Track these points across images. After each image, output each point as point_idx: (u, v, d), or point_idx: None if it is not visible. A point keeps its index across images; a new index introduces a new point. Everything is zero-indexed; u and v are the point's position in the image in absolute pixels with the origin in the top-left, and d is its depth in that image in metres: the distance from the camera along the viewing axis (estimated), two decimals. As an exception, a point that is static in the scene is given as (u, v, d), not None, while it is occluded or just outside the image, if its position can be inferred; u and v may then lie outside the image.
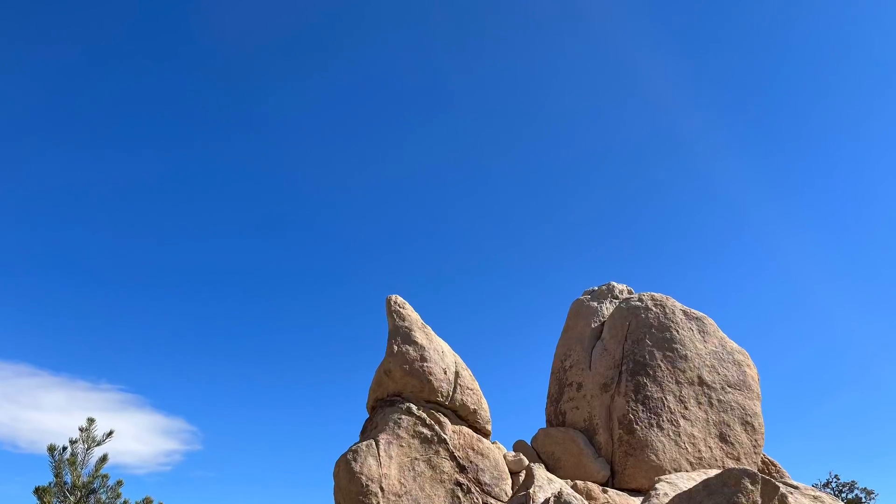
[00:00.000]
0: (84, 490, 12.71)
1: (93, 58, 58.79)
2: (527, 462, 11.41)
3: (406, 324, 11.34)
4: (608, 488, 11.48)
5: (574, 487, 11.09)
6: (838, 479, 23.81)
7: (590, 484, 11.30)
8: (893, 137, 56.11)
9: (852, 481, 23.62)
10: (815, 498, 10.97)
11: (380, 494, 9.74)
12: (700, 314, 14.47)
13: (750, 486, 7.74)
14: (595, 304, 15.09)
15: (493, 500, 10.37)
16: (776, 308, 60.08)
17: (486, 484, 10.49)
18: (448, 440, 10.63)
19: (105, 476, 13.10)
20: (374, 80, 62.11)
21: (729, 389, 13.68)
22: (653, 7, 57.60)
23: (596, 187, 63.72)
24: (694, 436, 12.88)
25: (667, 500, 9.10)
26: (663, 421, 12.80)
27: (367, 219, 64.48)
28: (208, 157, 63.37)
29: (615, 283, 15.72)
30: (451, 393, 11.24)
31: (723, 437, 13.14)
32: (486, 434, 11.57)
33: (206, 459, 55.86)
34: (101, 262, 59.11)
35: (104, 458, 13.14)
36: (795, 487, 11.36)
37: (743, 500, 7.64)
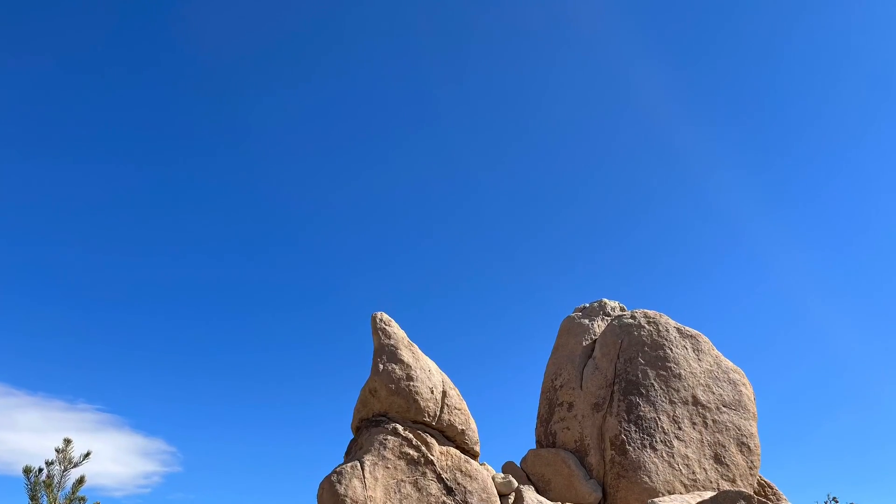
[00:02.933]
0: (60, 513, 12.39)
1: (68, 68, 58.33)
2: (516, 484, 11.18)
3: (392, 342, 11.14)
4: (600, 511, 11.22)
5: (565, 510, 10.85)
6: (836, 502, 23.46)
7: (581, 507, 11.05)
8: (892, 150, 56.30)
9: (851, 504, 23.26)
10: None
11: (363, 518, 9.45)
12: (694, 332, 14.28)
13: (745, 510, 7.51)
14: (586, 321, 14.90)
15: (481, 524, 10.08)
16: (772, 326, 59.74)
17: (473, 507, 10.20)
18: (435, 461, 10.37)
19: (82, 498, 12.82)
20: (359, 89, 61.83)
21: (724, 409, 13.44)
22: (645, 16, 57.84)
23: (587, 201, 63.53)
24: (688, 457, 12.61)
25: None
26: (656, 442, 12.54)
27: (351, 233, 64.00)
28: (187, 170, 62.85)
29: (607, 300, 15.54)
30: (438, 413, 11.00)
31: (718, 459, 12.87)
32: (474, 455, 11.34)
33: (186, 481, 55.15)
34: (77, 278, 58.41)
35: (81, 480, 12.86)
36: (792, 510, 11.10)
37: (738, 524, 7.40)
